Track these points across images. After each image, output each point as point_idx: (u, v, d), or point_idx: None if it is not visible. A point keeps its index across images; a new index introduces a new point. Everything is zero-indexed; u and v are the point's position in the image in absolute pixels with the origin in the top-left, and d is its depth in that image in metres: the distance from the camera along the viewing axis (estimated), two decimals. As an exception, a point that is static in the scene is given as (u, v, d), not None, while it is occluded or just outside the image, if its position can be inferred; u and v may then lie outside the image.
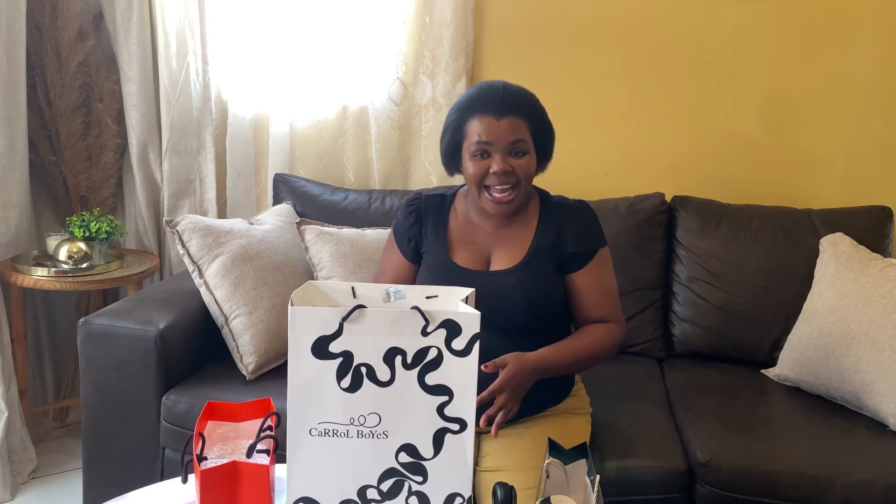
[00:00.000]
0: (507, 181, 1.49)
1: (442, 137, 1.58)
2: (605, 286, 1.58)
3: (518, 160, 1.49)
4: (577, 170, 2.55)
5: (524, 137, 1.49)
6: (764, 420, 1.89)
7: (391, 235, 1.69)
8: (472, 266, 1.58)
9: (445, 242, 1.61)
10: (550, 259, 1.56)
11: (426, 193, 1.68)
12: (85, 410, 1.94)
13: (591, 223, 1.59)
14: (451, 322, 1.11)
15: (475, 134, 1.49)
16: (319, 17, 2.48)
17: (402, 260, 1.67)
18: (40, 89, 2.44)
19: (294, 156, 2.59)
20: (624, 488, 1.66)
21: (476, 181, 1.51)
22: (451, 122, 1.54)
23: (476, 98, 1.52)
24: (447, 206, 1.65)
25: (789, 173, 2.47)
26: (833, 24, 2.37)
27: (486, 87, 1.53)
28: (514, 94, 1.51)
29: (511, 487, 1.12)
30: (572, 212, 1.59)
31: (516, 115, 1.48)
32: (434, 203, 1.65)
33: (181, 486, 1.30)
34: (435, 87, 2.49)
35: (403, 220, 1.66)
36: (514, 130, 1.48)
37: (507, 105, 1.48)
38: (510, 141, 1.48)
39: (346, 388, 1.12)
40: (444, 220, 1.63)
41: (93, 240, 2.33)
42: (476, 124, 1.49)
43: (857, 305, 1.93)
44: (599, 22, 2.46)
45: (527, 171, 1.50)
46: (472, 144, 1.50)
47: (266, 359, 1.98)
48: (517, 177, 1.49)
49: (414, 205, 1.66)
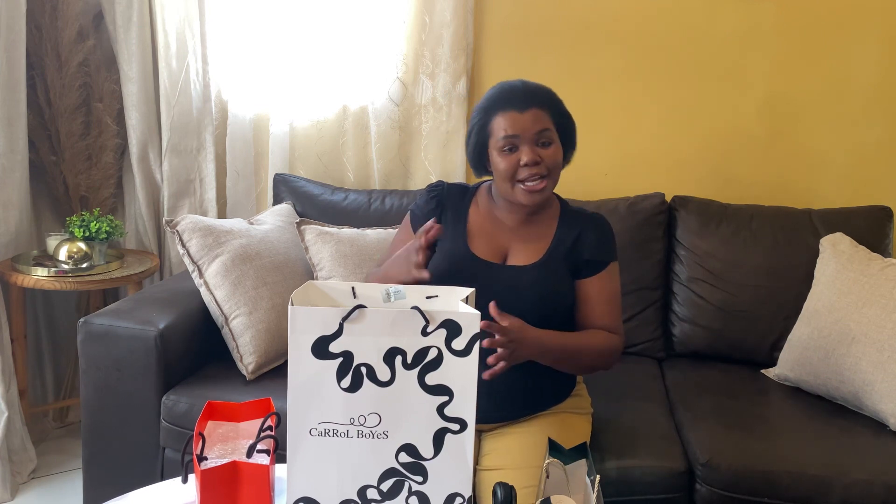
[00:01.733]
0: (537, 171, 1.51)
1: (467, 140, 1.60)
2: (612, 298, 1.60)
3: (545, 150, 1.51)
4: (578, 170, 2.51)
5: (549, 127, 1.52)
6: (764, 420, 1.90)
7: (406, 220, 1.69)
8: (489, 258, 1.59)
9: (464, 231, 1.62)
10: (566, 262, 1.58)
11: (448, 182, 1.70)
12: (85, 410, 1.94)
13: (609, 235, 1.62)
14: (451, 322, 1.11)
15: (501, 129, 1.51)
16: (319, 17, 2.48)
17: None
18: (40, 89, 2.44)
19: (294, 156, 2.59)
20: (624, 488, 1.66)
21: (508, 175, 1.52)
22: (476, 123, 1.57)
23: (497, 96, 1.55)
24: (469, 198, 1.66)
25: (789, 173, 2.47)
26: (833, 24, 2.37)
27: (505, 86, 1.56)
28: (534, 88, 1.55)
29: (511, 487, 1.13)
30: (592, 221, 1.62)
31: (538, 107, 1.51)
32: (456, 192, 1.67)
33: (181, 486, 1.30)
34: (435, 87, 2.49)
35: (424, 204, 1.67)
36: (538, 121, 1.50)
37: (528, 98, 1.51)
38: (536, 131, 1.50)
39: (347, 388, 1.12)
40: (465, 210, 1.64)
41: (93, 240, 2.33)
42: (501, 120, 1.52)
43: (857, 305, 1.93)
44: (599, 22, 2.46)
45: (555, 160, 1.53)
46: (498, 140, 1.52)
47: (266, 359, 1.98)
48: (546, 166, 1.51)
49: (437, 191, 1.67)
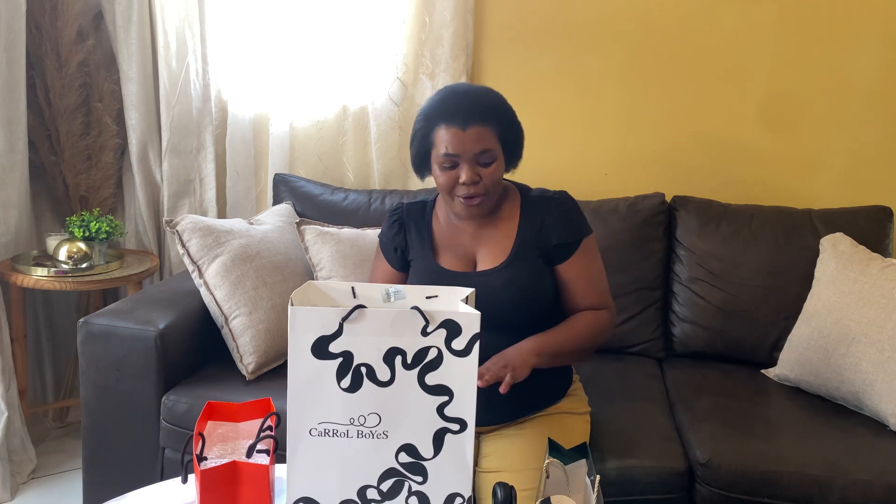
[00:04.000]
0: (475, 191, 1.50)
1: (411, 144, 1.58)
2: (593, 275, 1.59)
3: (485, 169, 1.50)
4: (577, 170, 2.55)
5: (490, 146, 1.49)
6: (764, 420, 1.89)
7: (378, 247, 1.71)
8: (458, 268, 1.59)
9: (431, 247, 1.62)
10: (536, 253, 1.56)
11: (407, 202, 1.70)
12: (85, 410, 1.95)
13: (573, 213, 1.59)
14: (451, 322, 1.11)
15: (442, 145, 1.49)
16: (319, 17, 2.48)
17: (390, 269, 1.68)
18: (40, 89, 2.44)
19: (294, 156, 2.59)
20: (624, 488, 1.66)
21: (446, 189, 1.53)
22: (419, 130, 1.54)
23: (440, 106, 1.51)
24: (429, 212, 1.66)
25: (789, 173, 2.47)
26: (833, 25, 2.37)
27: (450, 95, 1.53)
28: (478, 102, 1.51)
29: (511, 488, 1.12)
30: (553, 203, 1.59)
31: (481, 124, 1.48)
32: (416, 210, 1.67)
33: (181, 486, 1.30)
34: (435, 87, 2.49)
35: (388, 230, 1.68)
36: (479, 140, 1.48)
37: (471, 114, 1.48)
38: (476, 151, 1.48)
39: (346, 388, 1.12)
40: (428, 226, 1.65)
41: (93, 240, 2.33)
42: (443, 134, 1.49)
43: (857, 305, 1.93)
44: (599, 22, 2.46)
45: (493, 179, 1.52)
46: (439, 156, 1.50)
47: (266, 359, 1.98)
48: (485, 185, 1.51)
49: (396, 214, 1.68)
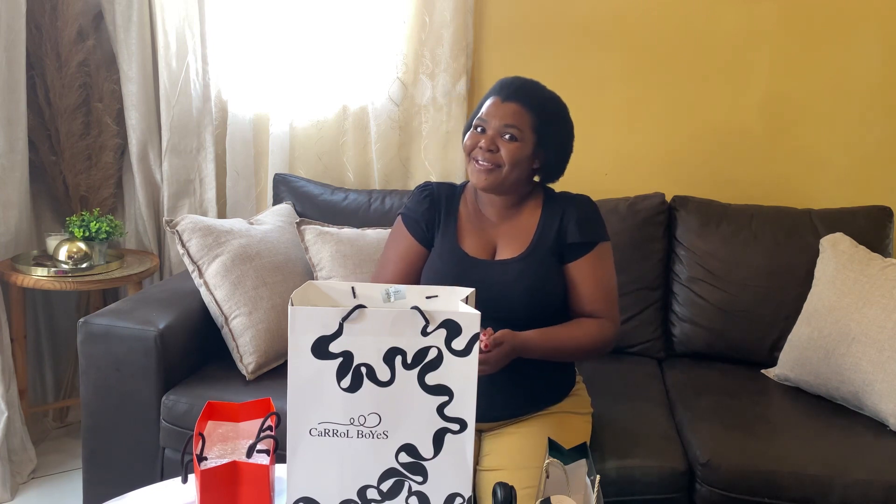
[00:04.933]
0: (490, 158, 1.53)
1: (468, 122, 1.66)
2: (602, 280, 1.59)
3: (507, 143, 1.54)
4: (577, 170, 2.51)
5: (520, 126, 1.54)
6: (764, 420, 1.89)
7: (398, 225, 1.69)
8: (478, 255, 1.61)
9: (455, 229, 1.64)
10: (552, 250, 1.58)
11: (436, 181, 1.73)
12: (85, 410, 1.94)
13: (593, 214, 1.62)
14: (451, 322, 1.11)
15: (483, 110, 1.57)
16: (319, 17, 2.48)
17: (414, 246, 1.66)
18: (40, 89, 2.44)
19: (294, 156, 2.59)
20: (624, 488, 1.66)
21: (468, 150, 1.58)
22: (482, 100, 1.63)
23: (501, 83, 1.60)
24: (458, 196, 1.68)
25: (789, 173, 2.47)
26: (833, 24, 2.37)
27: (511, 76, 1.61)
28: (530, 88, 1.58)
29: (511, 487, 1.12)
30: (574, 203, 1.62)
31: (521, 104, 1.54)
32: (446, 189, 1.70)
33: (181, 486, 1.30)
34: (435, 87, 2.49)
35: (416, 205, 1.68)
36: (512, 115, 1.54)
37: (517, 92, 1.56)
38: (504, 123, 1.54)
39: (346, 388, 1.12)
40: (455, 208, 1.67)
41: (93, 240, 2.33)
42: (488, 102, 1.58)
43: (857, 305, 1.93)
44: (599, 22, 2.46)
45: (512, 157, 1.53)
46: (476, 118, 1.58)
47: (266, 359, 1.98)
48: (501, 157, 1.53)
49: (427, 190, 1.69)
